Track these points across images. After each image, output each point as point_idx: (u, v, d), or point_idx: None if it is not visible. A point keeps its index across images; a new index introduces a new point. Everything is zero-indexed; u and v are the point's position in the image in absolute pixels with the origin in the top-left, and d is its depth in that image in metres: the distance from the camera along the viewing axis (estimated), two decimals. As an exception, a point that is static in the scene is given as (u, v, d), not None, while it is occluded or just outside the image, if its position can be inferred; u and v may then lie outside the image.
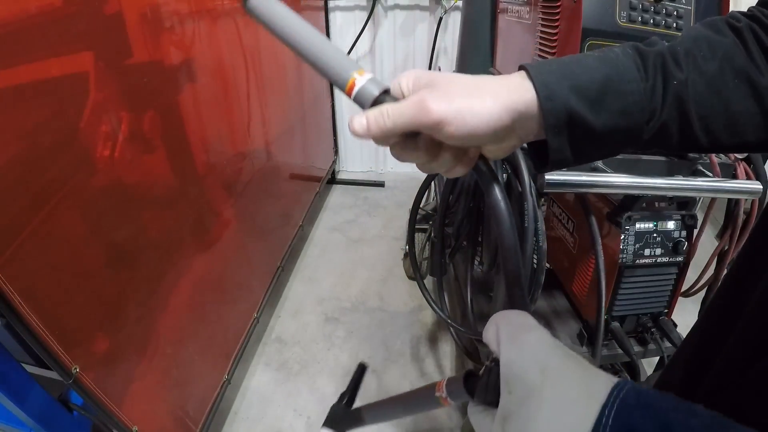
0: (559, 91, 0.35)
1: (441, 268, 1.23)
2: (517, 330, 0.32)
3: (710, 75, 0.37)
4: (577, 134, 0.36)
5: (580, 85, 0.36)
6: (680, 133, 0.38)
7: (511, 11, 1.25)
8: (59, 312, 0.75)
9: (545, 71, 0.36)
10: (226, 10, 1.31)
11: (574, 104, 0.35)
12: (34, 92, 0.69)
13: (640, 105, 0.36)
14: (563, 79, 0.36)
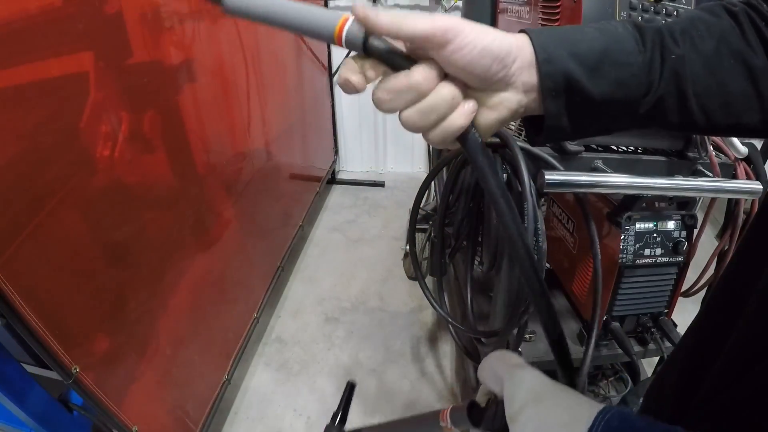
0: (558, 55, 0.36)
1: (441, 268, 1.23)
2: (514, 369, 0.36)
3: (706, 54, 0.37)
4: (575, 101, 0.36)
5: (579, 51, 0.36)
6: (677, 110, 0.38)
7: (511, 11, 1.25)
8: (59, 312, 0.75)
9: (545, 35, 0.37)
10: (226, 10, 1.31)
11: (572, 69, 0.35)
12: (34, 92, 0.69)
13: (637, 77, 0.37)
14: (562, 44, 0.36)
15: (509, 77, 0.36)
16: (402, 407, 1.47)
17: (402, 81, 0.34)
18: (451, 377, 1.57)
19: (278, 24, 0.37)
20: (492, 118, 0.37)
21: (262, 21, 0.38)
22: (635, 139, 0.93)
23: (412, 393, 1.51)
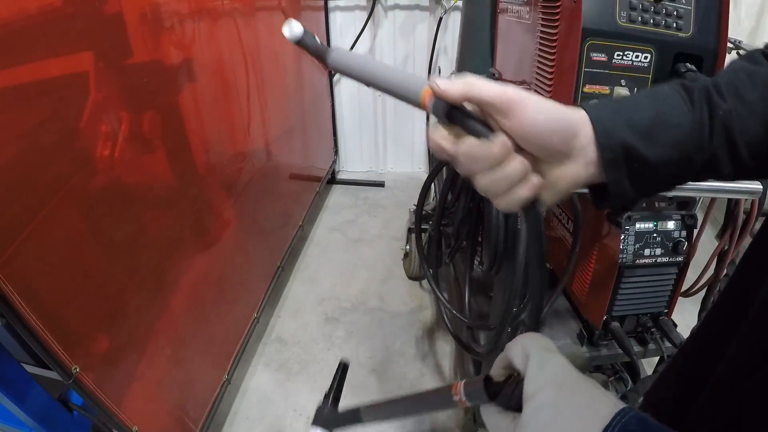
0: (615, 127, 0.38)
1: (437, 261, 1.23)
2: (542, 352, 0.35)
3: (753, 103, 0.38)
4: (634, 167, 0.38)
5: (633, 120, 0.38)
6: (730, 161, 0.39)
7: (511, 11, 1.25)
8: (59, 312, 0.75)
9: (601, 108, 0.39)
10: (226, 10, 1.31)
11: (629, 138, 0.37)
12: (34, 92, 0.69)
13: (689, 136, 0.38)
14: (617, 115, 0.38)
15: (571, 150, 0.38)
16: (402, 407, 1.46)
17: (480, 150, 0.36)
18: (451, 377, 1.57)
19: (372, 84, 0.41)
20: (556, 189, 0.40)
21: (359, 80, 0.41)
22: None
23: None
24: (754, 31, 2.25)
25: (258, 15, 1.56)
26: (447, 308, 1.18)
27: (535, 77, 1.05)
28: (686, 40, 0.85)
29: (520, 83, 1.20)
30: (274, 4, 1.75)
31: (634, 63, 0.85)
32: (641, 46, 0.84)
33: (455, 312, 1.14)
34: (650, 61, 0.85)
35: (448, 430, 1.41)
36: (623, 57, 0.84)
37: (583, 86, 0.86)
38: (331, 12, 2.49)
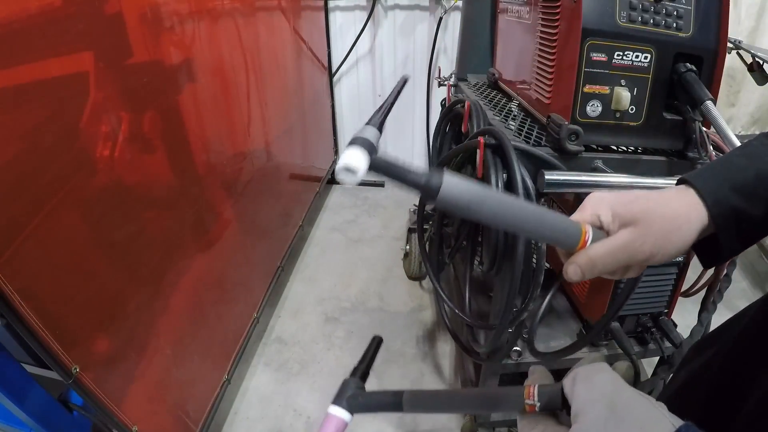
0: (723, 195, 0.40)
1: (439, 263, 1.23)
2: (590, 371, 0.34)
3: None
4: (743, 227, 0.41)
5: (737, 183, 0.41)
6: None
7: (511, 11, 1.25)
8: (59, 312, 0.74)
9: (704, 177, 0.42)
10: (226, 10, 1.31)
11: (737, 202, 0.40)
12: (34, 92, 0.69)
13: None
14: (723, 183, 0.41)
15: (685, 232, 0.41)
16: (402, 407, 1.46)
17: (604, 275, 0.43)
18: (450, 377, 1.57)
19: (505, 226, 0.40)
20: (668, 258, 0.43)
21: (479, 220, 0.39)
22: (635, 139, 0.93)
23: (412, 393, 1.51)
24: (754, 31, 2.25)
25: (258, 15, 1.56)
26: (448, 306, 1.17)
27: (535, 77, 1.05)
28: (686, 40, 0.85)
29: (521, 83, 1.20)
30: (274, 4, 1.75)
31: (634, 63, 0.85)
32: (641, 46, 0.84)
33: (456, 310, 1.14)
34: (650, 61, 0.85)
35: (448, 430, 1.41)
36: (623, 57, 0.84)
37: (583, 86, 0.86)
38: (331, 12, 2.49)
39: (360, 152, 0.33)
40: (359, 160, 0.33)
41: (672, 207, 0.41)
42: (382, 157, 0.35)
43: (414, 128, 2.88)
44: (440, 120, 1.43)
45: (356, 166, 0.33)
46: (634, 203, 0.41)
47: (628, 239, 0.40)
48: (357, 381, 0.51)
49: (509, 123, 1.07)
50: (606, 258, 0.40)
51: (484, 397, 0.42)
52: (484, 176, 0.92)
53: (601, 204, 0.43)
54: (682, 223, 0.40)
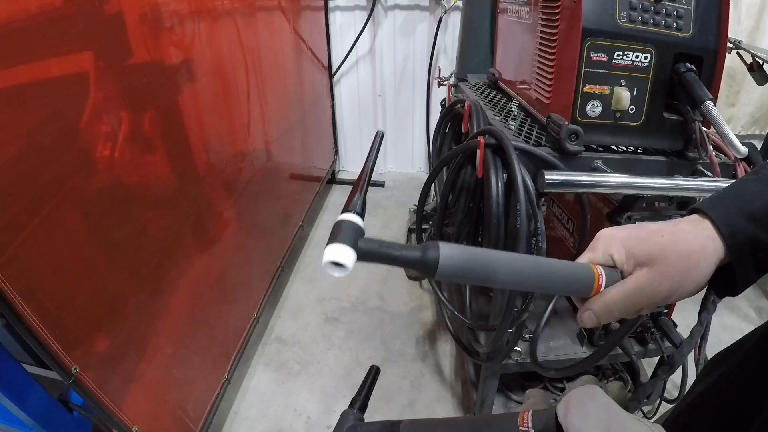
0: (739, 225, 0.39)
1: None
2: (583, 396, 0.34)
3: None
4: (759, 257, 0.40)
5: (753, 212, 0.39)
6: None
7: (511, 11, 1.25)
8: (59, 312, 0.74)
9: (720, 208, 0.41)
10: (226, 10, 1.31)
11: (753, 232, 0.39)
12: (34, 92, 0.69)
13: None
14: (738, 212, 0.40)
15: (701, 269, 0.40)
16: (402, 407, 1.47)
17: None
18: (450, 377, 1.57)
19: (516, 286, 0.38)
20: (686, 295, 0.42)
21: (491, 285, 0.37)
22: (635, 139, 0.93)
23: (412, 393, 1.51)
24: (754, 31, 2.25)
25: (258, 15, 1.56)
26: (448, 309, 1.18)
27: (535, 77, 1.05)
28: (686, 40, 0.85)
29: (521, 83, 1.20)
30: (274, 4, 1.75)
31: (634, 63, 0.85)
32: (641, 46, 0.84)
33: (456, 312, 1.14)
34: (650, 61, 0.85)
35: None
36: (623, 57, 0.84)
37: (583, 86, 0.86)
38: (331, 12, 2.49)
39: (345, 246, 0.31)
40: (346, 254, 0.31)
41: (688, 242, 0.40)
42: (368, 243, 0.33)
43: (414, 128, 2.88)
44: (440, 120, 1.43)
45: (344, 261, 0.31)
46: (648, 241, 0.40)
47: (645, 281, 0.39)
48: (356, 413, 0.51)
49: (509, 123, 1.07)
50: (622, 302, 0.39)
51: (479, 425, 0.43)
52: (484, 176, 0.92)
53: (613, 242, 0.41)
54: (699, 258, 0.39)
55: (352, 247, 0.32)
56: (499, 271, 0.35)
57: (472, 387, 1.37)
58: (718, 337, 1.08)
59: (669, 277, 0.38)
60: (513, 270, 0.36)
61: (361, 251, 0.32)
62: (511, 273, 0.36)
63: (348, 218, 0.34)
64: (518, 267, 0.37)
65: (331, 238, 0.32)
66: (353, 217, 0.34)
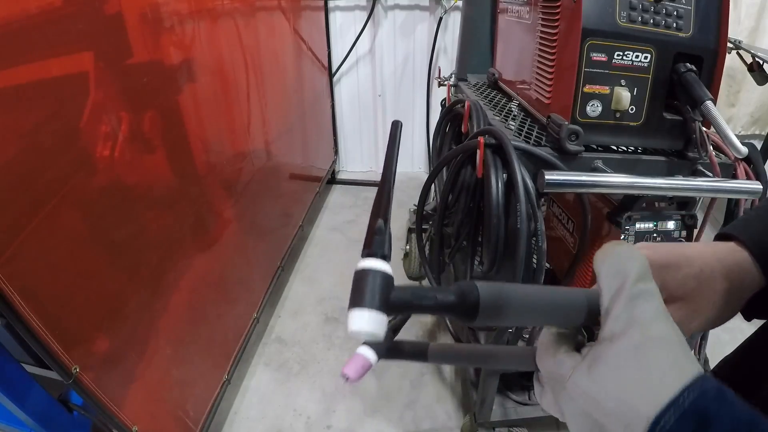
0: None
1: (439, 265, 1.23)
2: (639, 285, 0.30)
3: None
4: None
5: None
6: None
7: (511, 11, 1.25)
8: (59, 312, 0.74)
9: (750, 231, 0.40)
10: (226, 10, 1.31)
11: None
12: (34, 92, 0.69)
13: None
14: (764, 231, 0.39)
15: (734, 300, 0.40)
16: (402, 407, 1.47)
17: None
18: (451, 377, 1.57)
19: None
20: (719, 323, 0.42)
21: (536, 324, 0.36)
22: (635, 139, 0.93)
23: (412, 393, 1.51)
24: (754, 31, 2.25)
25: (258, 15, 1.56)
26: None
27: (535, 77, 1.05)
28: (686, 40, 0.85)
29: (521, 83, 1.20)
30: (274, 4, 1.75)
31: (634, 63, 0.85)
32: (641, 46, 0.84)
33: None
34: (650, 61, 0.85)
35: (448, 429, 1.41)
36: (623, 57, 0.84)
37: (583, 86, 0.86)
38: (331, 12, 2.49)
39: (374, 313, 0.28)
40: (376, 321, 0.28)
41: (726, 276, 0.38)
42: (400, 296, 0.29)
43: (414, 128, 2.88)
44: (440, 120, 1.43)
45: (375, 331, 0.28)
46: (681, 271, 0.38)
47: (677, 319, 0.36)
48: (387, 330, 0.49)
49: (509, 123, 1.07)
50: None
51: (504, 353, 0.40)
52: (484, 176, 0.92)
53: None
54: (734, 292, 0.38)
55: (382, 311, 0.28)
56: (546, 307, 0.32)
57: (472, 387, 1.37)
58: (718, 337, 1.08)
59: (703, 315, 0.37)
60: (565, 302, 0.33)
61: (392, 308, 0.29)
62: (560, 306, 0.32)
63: (373, 267, 0.29)
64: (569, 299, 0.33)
65: (357, 299, 0.28)
66: (379, 265, 0.29)
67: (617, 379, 0.27)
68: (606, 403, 0.27)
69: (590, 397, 0.28)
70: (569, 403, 0.30)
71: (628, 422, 0.26)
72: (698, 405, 0.24)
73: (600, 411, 0.28)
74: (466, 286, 0.30)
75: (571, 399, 0.30)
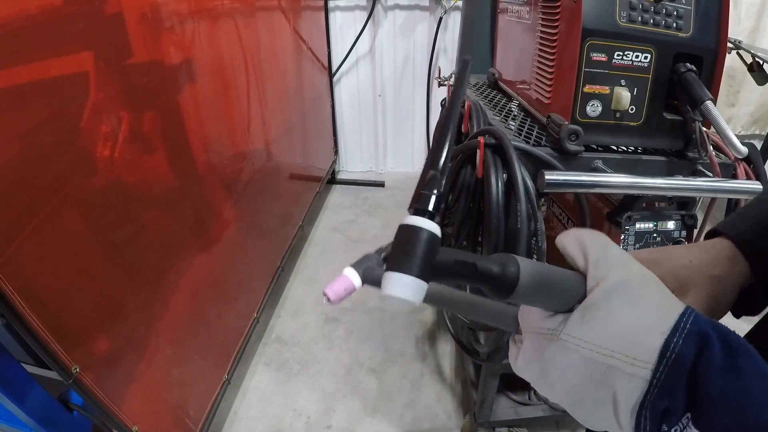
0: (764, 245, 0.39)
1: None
2: (605, 243, 0.33)
3: None
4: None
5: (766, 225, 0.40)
6: None
7: (511, 11, 1.25)
8: (59, 312, 0.75)
9: (739, 229, 0.41)
10: (226, 10, 1.31)
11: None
12: (34, 92, 0.69)
13: None
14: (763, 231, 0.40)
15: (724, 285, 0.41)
16: (402, 407, 1.47)
17: None
18: (450, 377, 1.57)
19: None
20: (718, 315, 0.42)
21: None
22: (635, 139, 0.92)
23: (412, 393, 1.51)
24: (754, 31, 2.25)
25: (258, 15, 1.56)
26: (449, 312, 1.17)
27: (535, 77, 1.05)
28: (686, 40, 0.85)
29: (521, 83, 1.20)
30: (274, 4, 1.75)
31: (634, 63, 0.85)
32: (641, 46, 0.84)
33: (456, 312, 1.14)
34: (650, 61, 0.85)
35: (448, 429, 1.41)
36: (623, 57, 0.84)
37: (583, 86, 0.86)
38: (331, 12, 2.49)
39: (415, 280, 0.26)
40: (416, 289, 0.26)
41: (718, 267, 0.40)
42: (445, 257, 0.27)
43: (414, 128, 2.88)
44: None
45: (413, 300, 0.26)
46: (672, 263, 0.39)
47: None
48: (379, 259, 0.47)
49: (509, 123, 1.07)
50: None
51: (488, 305, 0.39)
52: (484, 176, 0.92)
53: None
54: (728, 283, 0.39)
55: (424, 278, 0.26)
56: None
57: (472, 387, 1.37)
58: (718, 337, 1.09)
59: (696, 306, 0.37)
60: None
61: (434, 274, 0.27)
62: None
63: (422, 226, 0.27)
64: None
65: (399, 262, 0.26)
66: (428, 225, 0.27)
67: (615, 318, 0.29)
68: (609, 344, 0.28)
69: (589, 343, 0.29)
70: (562, 354, 0.30)
71: (637, 354, 0.27)
72: (697, 326, 0.27)
73: (603, 352, 0.28)
74: (506, 258, 0.30)
75: (566, 350, 0.30)
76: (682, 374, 0.26)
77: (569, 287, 0.31)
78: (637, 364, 0.27)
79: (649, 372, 0.27)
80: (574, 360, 0.29)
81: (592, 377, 0.29)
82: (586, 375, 0.29)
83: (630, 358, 0.27)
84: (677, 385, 0.26)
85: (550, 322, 0.31)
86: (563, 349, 0.30)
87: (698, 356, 0.26)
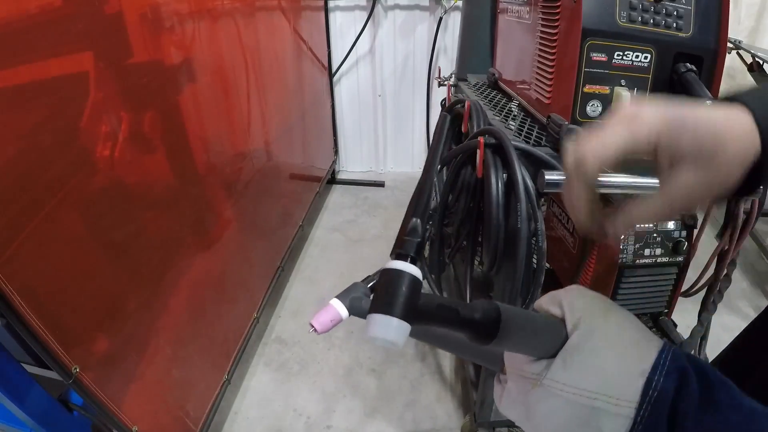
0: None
1: (439, 266, 1.23)
2: (579, 290, 0.35)
3: None
4: None
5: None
6: None
7: (511, 11, 1.25)
8: (59, 312, 0.75)
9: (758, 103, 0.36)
10: (226, 10, 1.31)
11: None
12: (34, 92, 0.69)
13: None
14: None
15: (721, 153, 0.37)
16: (402, 407, 1.47)
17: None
18: (451, 377, 1.57)
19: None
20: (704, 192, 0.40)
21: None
22: (635, 139, 0.92)
23: (412, 393, 1.51)
24: (754, 31, 2.25)
25: (258, 15, 1.56)
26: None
27: (535, 77, 1.05)
28: (686, 40, 0.85)
29: (521, 83, 1.20)
30: (274, 4, 1.75)
31: (634, 63, 0.85)
32: (641, 46, 0.84)
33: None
34: (650, 61, 0.85)
35: (448, 430, 1.41)
36: (623, 57, 0.84)
37: (583, 86, 0.86)
38: (331, 12, 2.49)
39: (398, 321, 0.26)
40: (399, 330, 0.26)
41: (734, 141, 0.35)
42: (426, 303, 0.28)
43: (414, 128, 2.88)
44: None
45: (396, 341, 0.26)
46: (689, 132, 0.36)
47: (697, 182, 0.36)
48: (366, 289, 0.46)
49: (509, 123, 1.07)
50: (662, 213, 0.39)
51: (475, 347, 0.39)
52: (484, 176, 0.92)
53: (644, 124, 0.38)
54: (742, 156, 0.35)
55: (407, 320, 0.26)
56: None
57: (472, 387, 1.37)
58: (718, 338, 1.08)
59: (721, 174, 0.34)
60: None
61: (416, 317, 0.27)
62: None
63: (403, 270, 0.28)
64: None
65: (382, 304, 0.26)
66: (410, 269, 0.28)
67: (596, 360, 0.30)
68: (592, 386, 0.29)
69: (573, 387, 0.30)
70: (546, 399, 0.31)
71: (620, 394, 0.28)
72: (675, 362, 0.28)
73: (588, 395, 0.29)
74: (488, 305, 0.31)
75: (549, 395, 0.30)
76: (663, 410, 0.27)
77: (551, 333, 0.32)
78: (621, 404, 0.28)
79: (633, 410, 0.28)
80: (558, 404, 0.30)
81: (578, 419, 0.29)
82: (571, 418, 0.30)
83: (614, 398, 0.28)
84: (659, 421, 0.27)
85: (535, 366, 0.32)
86: (547, 395, 0.31)
87: (677, 391, 0.27)
